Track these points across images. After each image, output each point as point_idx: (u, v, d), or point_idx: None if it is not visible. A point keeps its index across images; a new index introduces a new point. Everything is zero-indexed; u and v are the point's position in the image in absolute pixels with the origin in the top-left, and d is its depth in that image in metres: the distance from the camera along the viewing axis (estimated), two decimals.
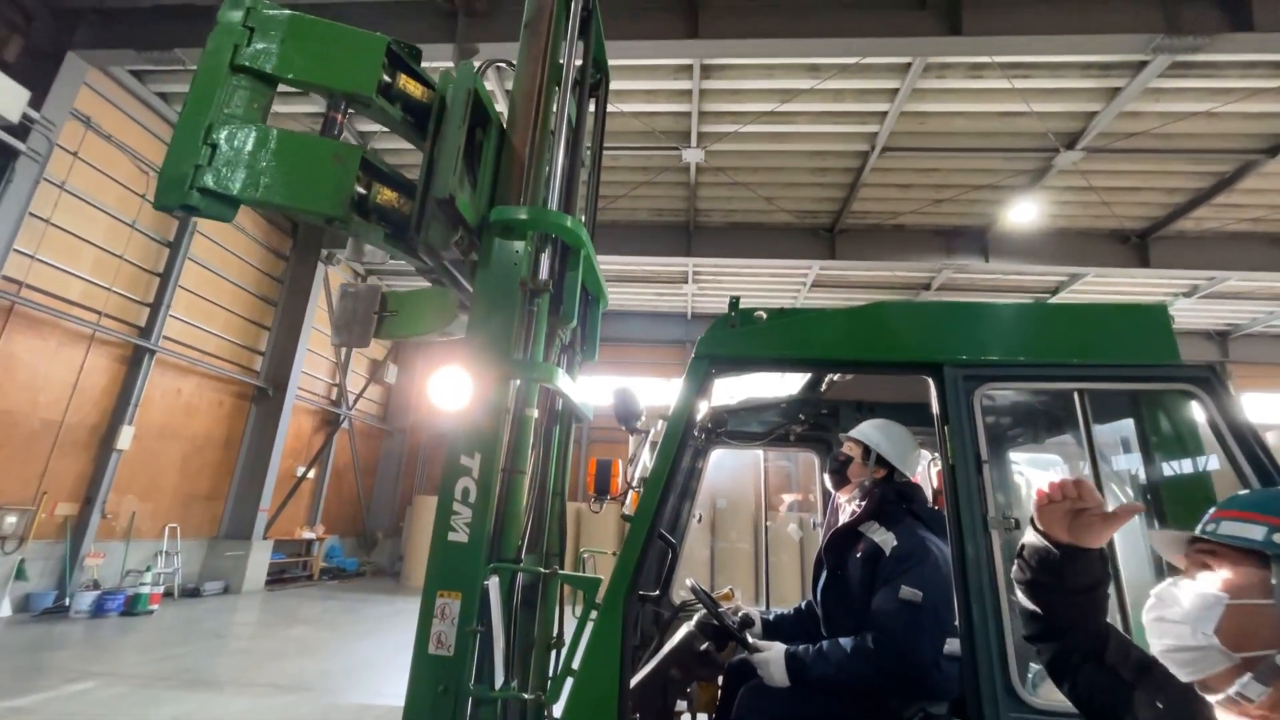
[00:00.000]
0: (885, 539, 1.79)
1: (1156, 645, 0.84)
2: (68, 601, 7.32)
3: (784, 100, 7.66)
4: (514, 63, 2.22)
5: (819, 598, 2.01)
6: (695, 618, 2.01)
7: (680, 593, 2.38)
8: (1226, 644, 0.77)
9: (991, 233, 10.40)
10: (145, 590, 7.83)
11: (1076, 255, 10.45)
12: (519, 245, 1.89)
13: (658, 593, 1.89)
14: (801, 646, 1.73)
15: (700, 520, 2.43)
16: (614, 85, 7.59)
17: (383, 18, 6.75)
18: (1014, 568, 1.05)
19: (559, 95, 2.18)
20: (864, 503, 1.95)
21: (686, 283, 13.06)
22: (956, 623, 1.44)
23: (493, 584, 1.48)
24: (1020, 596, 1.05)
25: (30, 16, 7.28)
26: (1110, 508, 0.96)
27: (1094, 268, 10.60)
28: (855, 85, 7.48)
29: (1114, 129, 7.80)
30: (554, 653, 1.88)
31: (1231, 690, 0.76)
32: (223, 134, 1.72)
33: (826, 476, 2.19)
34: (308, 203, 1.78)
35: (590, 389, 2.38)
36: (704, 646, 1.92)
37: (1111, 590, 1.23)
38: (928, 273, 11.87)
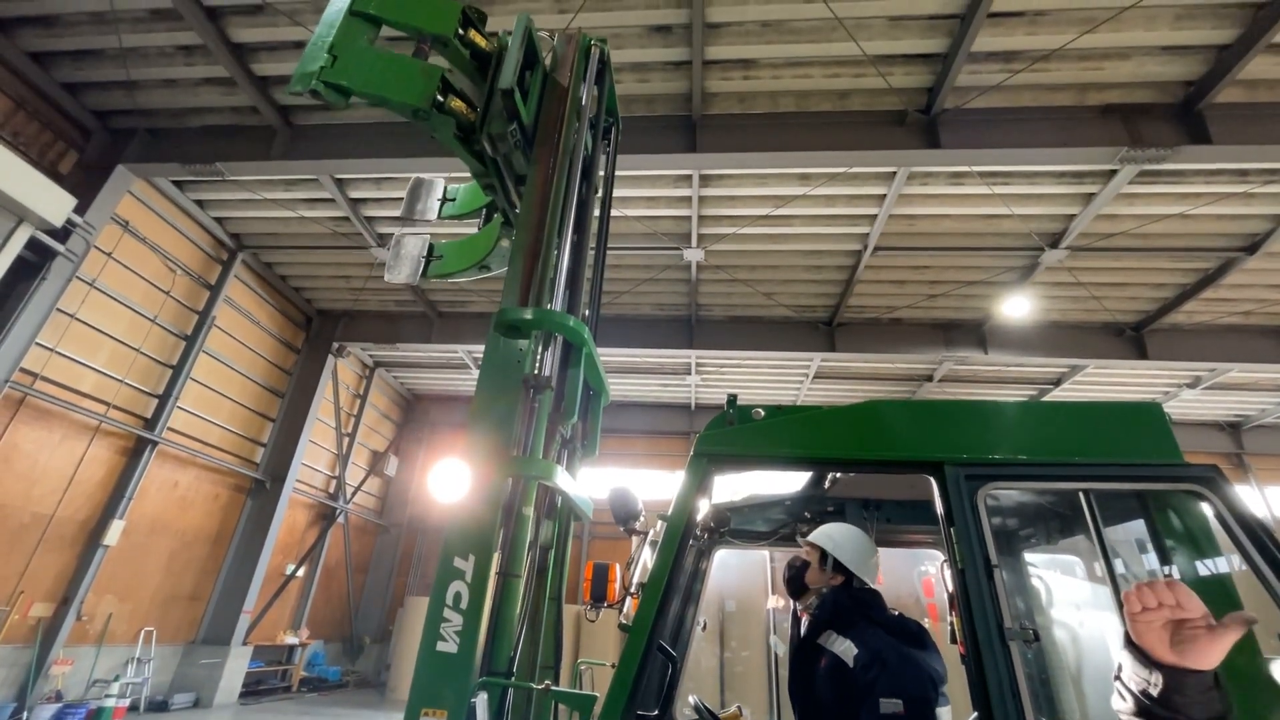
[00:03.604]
0: (845, 649, 1.71)
1: None
2: (25, 716, 6.77)
3: (778, 205, 8.15)
4: (551, 32, 2.86)
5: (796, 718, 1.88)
6: None
7: (684, 711, 2.19)
8: None
9: (988, 326, 10.61)
10: (110, 703, 7.26)
11: (1074, 347, 10.58)
12: (523, 343, 1.95)
13: (657, 712, 1.75)
14: None
15: (705, 627, 2.29)
16: (619, 192, 8.13)
17: (401, 134, 7.40)
18: (1114, 694, 0.87)
19: (578, 128, 2.64)
20: (819, 612, 1.87)
21: (689, 374, 13.19)
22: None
23: (480, 701, 1.38)
24: None
25: (88, 134, 8.01)
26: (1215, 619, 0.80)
27: (1093, 359, 10.68)
28: (844, 191, 7.99)
29: (1093, 230, 8.19)
30: None
31: None
32: (341, 49, 2.41)
33: (784, 584, 2.13)
34: (400, 95, 2.41)
35: (591, 483, 2.34)
36: None
37: None
38: (929, 365, 11.99)
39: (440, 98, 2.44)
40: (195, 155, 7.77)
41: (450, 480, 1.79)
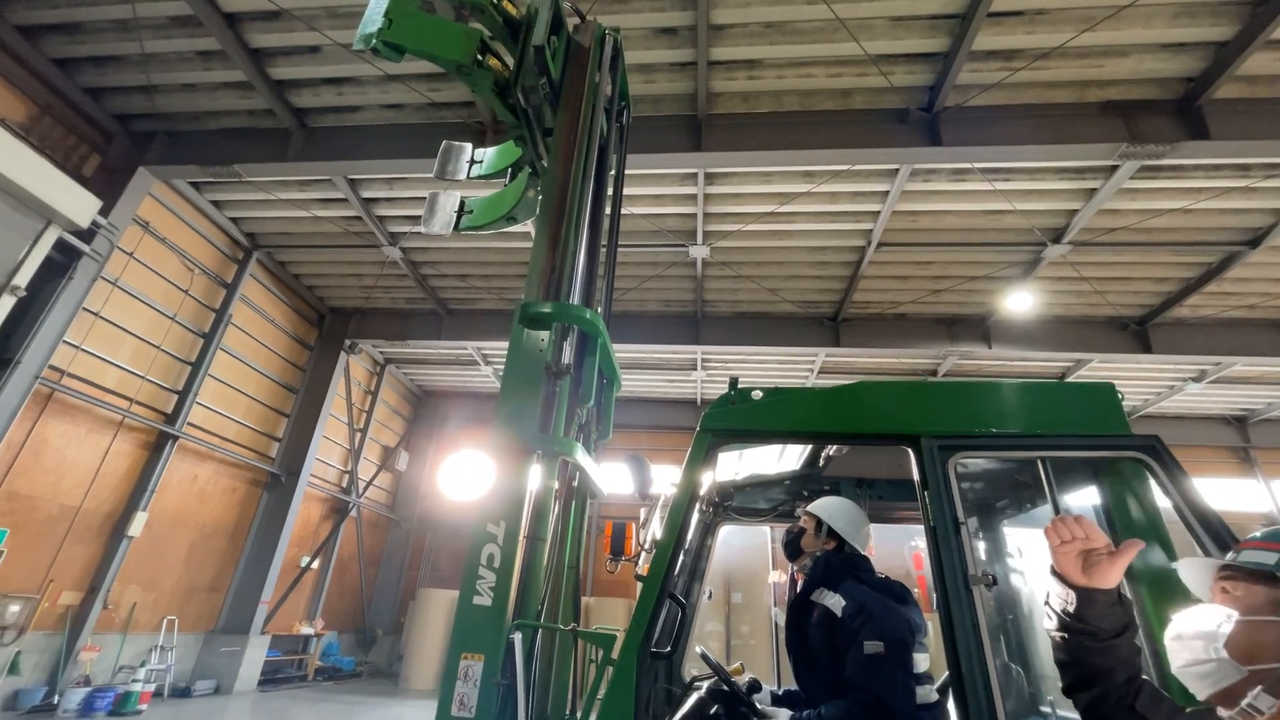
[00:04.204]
0: (835, 602, 1.90)
1: (1175, 663, 0.85)
2: (57, 699, 7.04)
3: (782, 202, 8.29)
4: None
5: (793, 670, 2.08)
6: (705, 685, 2.02)
7: (690, 670, 2.37)
8: (1237, 658, 0.79)
9: (992, 321, 10.69)
10: (137, 688, 7.52)
11: (1077, 342, 10.66)
12: (544, 335, 2.13)
13: (670, 649, 1.93)
14: (806, 712, 1.76)
15: (711, 597, 2.47)
16: (627, 190, 8.29)
17: (412, 136, 7.59)
18: (1044, 618, 1.05)
19: (595, 111, 2.93)
20: (813, 571, 2.08)
21: (695, 370, 13.34)
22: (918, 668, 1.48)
23: (517, 639, 1.56)
24: (1054, 647, 1.03)
25: (110, 137, 8.25)
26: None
27: (1097, 354, 10.75)
28: (848, 189, 8.11)
29: (1096, 225, 8.28)
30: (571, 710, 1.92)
31: (1244, 703, 0.77)
32: (395, 14, 2.76)
33: (783, 547, 2.33)
34: (447, 53, 2.76)
35: (602, 474, 2.53)
36: (714, 711, 1.93)
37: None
38: (933, 359, 12.08)
39: (480, 56, 2.80)
40: (213, 157, 7.99)
41: (460, 474, 1.97)
